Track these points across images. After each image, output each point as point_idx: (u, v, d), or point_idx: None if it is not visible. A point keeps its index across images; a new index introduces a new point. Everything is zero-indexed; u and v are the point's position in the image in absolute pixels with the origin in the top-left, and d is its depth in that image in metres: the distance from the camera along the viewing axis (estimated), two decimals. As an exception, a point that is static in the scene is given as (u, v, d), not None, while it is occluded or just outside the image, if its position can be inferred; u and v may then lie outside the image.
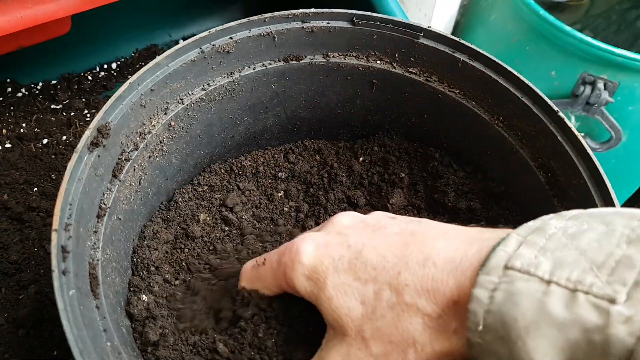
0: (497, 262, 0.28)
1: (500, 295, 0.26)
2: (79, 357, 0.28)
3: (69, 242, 0.33)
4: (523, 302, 0.26)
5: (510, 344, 0.26)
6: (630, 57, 0.97)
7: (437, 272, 0.30)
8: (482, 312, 0.27)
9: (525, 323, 0.25)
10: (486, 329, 0.27)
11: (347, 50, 0.48)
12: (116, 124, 0.38)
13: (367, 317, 0.31)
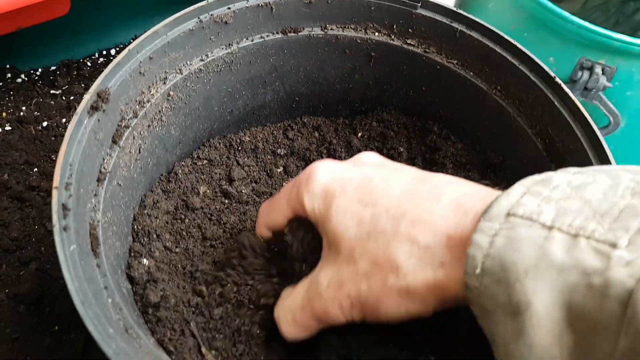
0: (499, 209, 0.28)
1: (501, 240, 0.27)
2: (81, 308, 0.28)
3: (70, 201, 0.33)
4: (523, 246, 0.26)
5: (508, 287, 0.26)
6: (628, 41, 0.97)
7: (439, 207, 0.30)
8: (481, 257, 0.27)
9: (524, 266, 0.25)
10: (484, 272, 0.27)
11: (345, 22, 0.48)
12: (115, 90, 0.39)
13: (360, 237, 0.32)
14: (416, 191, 0.32)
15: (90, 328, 0.28)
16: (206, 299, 0.39)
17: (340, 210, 0.33)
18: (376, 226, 0.32)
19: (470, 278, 0.28)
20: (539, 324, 0.25)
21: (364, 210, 0.33)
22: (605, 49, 1.00)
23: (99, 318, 0.30)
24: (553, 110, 0.42)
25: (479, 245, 0.27)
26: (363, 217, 0.32)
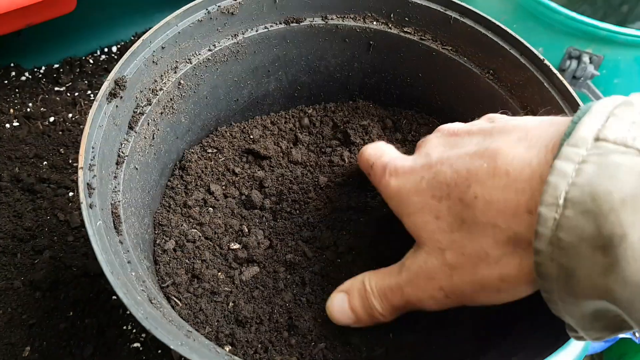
0: (584, 133, 0.26)
1: (591, 168, 0.25)
2: (111, 277, 0.31)
3: (94, 181, 0.35)
4: (621, 174, 0.24)
5: (599, 218, 0.24)
6: (613, 30, 1.01)
7: (510, 181, 0.28)
8: (564, 185, 0.25)
9: (622, 196, 0.24)
10: (568, 202, 0.25)
11: (345, 11, 0.51)
12: (131, 78, 0.41)
13: (442, 230, 0.32)
14: (481, 166, 0.30)
15: (120, 294, 0.30)
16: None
17: (417, 207, 0.34)
18: (455, 217, 0.31)
19: (548, 208, 0.26)
20: (634, 258, 0.23)
21: (439, 204, 0.33)
22: (592, 39, 1.04)
23: (126, 287, 0.32)
24: (542, 91, 0.44)
25: (563, 173, 0.25)
26: (440, 211, 0.32)
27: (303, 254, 0.44)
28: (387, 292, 0.36)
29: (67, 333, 0.56)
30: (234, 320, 0.40)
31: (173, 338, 0.30)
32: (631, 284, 0.24)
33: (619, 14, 1.24)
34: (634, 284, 0.24)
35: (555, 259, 0.26)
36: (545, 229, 0.26)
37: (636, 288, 0.24)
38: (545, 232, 0.26)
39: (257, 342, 0.39)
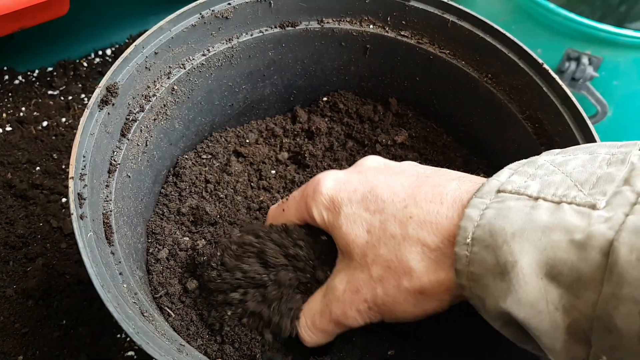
0: (490, 188, 0.31)
1: (491, 212, 0.29)
2: (101, 291, 0.30)
3: (85, 190, 0.34)
4: (511, 214, 0.28)
5: (496, 250, 0.28)
6: (612, 32, 1.00)
7: (443, 208, 0.32)
8: (472, 227, 0.29)
9: (512, 230, 0.28)
10: (474, 240, 0.29)
11: (341, 15, 0.50)
12: (124, 84, 0.40)
13: (371, 244, 0.34)
14: (419, 193, 0.33)
15: (110, 309, 0.30)
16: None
17: (349, 220, 0.35)
18: (385, 232, 0.34)
19: (460, 248, 0.30)
20: (525, 280, 0.27)
21: (372, 217, 0.34)
22: (591, 40, 1.03)
23: (117, 300, 0.31)
24: (542, 95, 0.44)
25: (470, 218, 0.29)
26: (372, 224, 0.34)
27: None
28: (315, 319, 0.38)
29: (61, 342, 0.55)
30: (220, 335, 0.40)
31: (164, 353, 0.29)
32: (525, 304, 0.27)
33: (618, 14, 1.24)
34: (527, 304, 0.27)
35: (474, 292, 0.30)
36: (461, 266, 0.30)
37: (528, 307, 0.27)
38: (461, 269, 0.30)
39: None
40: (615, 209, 0.26)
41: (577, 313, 0.26)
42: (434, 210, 0.32)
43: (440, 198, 0.33)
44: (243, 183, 0.52)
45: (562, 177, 0.29)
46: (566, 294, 0.26)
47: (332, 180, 0.37)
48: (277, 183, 0.53)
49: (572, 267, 0.26)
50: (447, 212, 0.32)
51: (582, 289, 0.26)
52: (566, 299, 0.26)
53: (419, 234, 0.32)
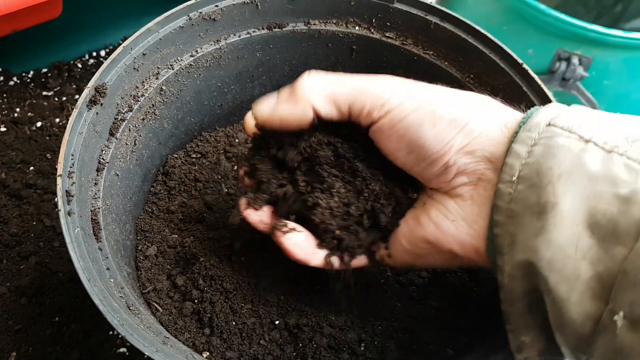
0: (539, 119, 0.30)
1: (539, 149, 0.29)
2: (87, 284, 0.31)
3: (73, 188, 0.35)
4: (561, 153, 0.28)
5: (540, 189, 0.28)
6: (602, 32, 1.01)
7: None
8: (518, 165, 0.29)
9: (559, 171, 0.28)
10: (520, 179, 0.29)
11: (327, 17, 0.51)
12: (112, 85, 0.41)
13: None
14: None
15: (96, 302, 0.30)
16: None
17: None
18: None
19: (504, 185, 0.30)
20: (561, 223, 0.27)
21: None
22: (581, 40, 1.04)
23: (103, 293, 0.32)
24: (521, 94, 0.45)
25: (518, 155, 0.29)
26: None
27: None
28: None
29: (53, 338, 0.56)
30: (209, 327, 0.41)
31: (148, 345, 0.30)
32: (554, 245, 0.27)
33: (613, 14, 1.25)
34: (556, 245, 0.27)
35: (508, 229, 0.30)
36: (502, 202, 0.30)
37: (557, 249, 0.27)
38: (502, 205, 0.30)
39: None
40: None
41: (602, 267, 0.26)
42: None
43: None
44: (232, 181, 0.53)
45: (613, 129, 0.29)
46: (597, 245, 0.27)
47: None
48: (265, 182, 0.54)
49: (611, 219, 0.26)
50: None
51: (614, 243, 0.26)
52: (595, 250, 0.27)
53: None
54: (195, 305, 0.42)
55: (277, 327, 0.41)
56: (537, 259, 0.28)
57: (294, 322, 0.42)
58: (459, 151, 0.32)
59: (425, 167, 0.34)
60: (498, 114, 0.33)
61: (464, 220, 0.33)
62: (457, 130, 0.32)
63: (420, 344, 0.41)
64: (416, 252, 0.36)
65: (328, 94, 0.34)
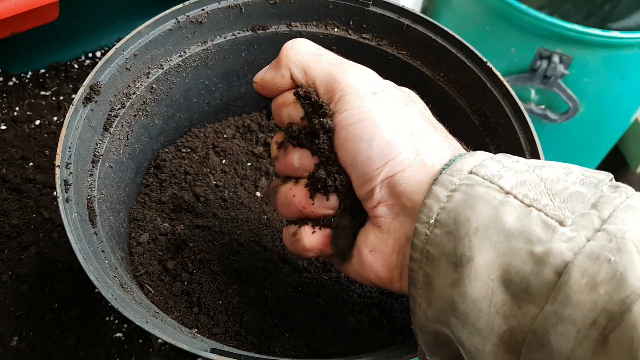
0: (461, 166, 0.30)
1: (459, 196, 0.29)
2: (84, 263, 0.34)
3: (70, 177, 0.39)
4: (479, 205, 0.28)
5: (456, 240, 0.28)
6: (581, 31, 1.05)
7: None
8: (437, 208, 0.29)
9: (476, 225, 0.28)
10: (437, 223, 0.29)
11: (307, 19, 0.55)
12: (106, 84, 0.44)
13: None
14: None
15: (91, 278, 0.34)
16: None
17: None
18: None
19: (421, 225, 0.30)
20: (475, 278, 0.27)
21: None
22: (561, 39, 1.08)
23: (98, 272, 0.36)
24: (486, 91, 0.48)
25: (437, 197, 0.30)
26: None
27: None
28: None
29: (52, 324, 0.59)
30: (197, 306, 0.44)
31: (139, 316, 0.33)
32: (468, 299, 0.28)
33: (602, 13, 1.27)
34: (470, 300, 0.28)
35: (423, 267, 0.30)
36: (419, 242, 0.30)
37: (471, 304, 0.28)
38: (418, 244, 0.30)
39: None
40: (579, 230, 0.26)
41: (515, 322, 0.26)
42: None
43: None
44: (220, 174, 0.56)
45: (536, 180, 0.29)
46: (510, 301, 0.27)
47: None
48: (252, 174, 0.57)
49: (524, 277, 0.26)
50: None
51: (527, 301, 0.26)
52: (509, 306, 0.27)
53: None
54: (185, 286, 0.45)
55: (259, 304, 0.45)
56: (453, 310, 0.28)
57: (275, 301, 0.45)
58: (384, 181, 0.32)
59: (358, 185, 0.34)
60: (435, 148, 0.33)
61: (380, 252, 0.34)
62: (388, 158, 0.32)
63: (390, 319, 0.45)
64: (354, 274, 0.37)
65: (302, 66, 0.36)
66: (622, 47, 1.07)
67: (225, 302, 0.44)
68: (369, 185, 0.33)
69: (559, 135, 1.21)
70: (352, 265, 0.37)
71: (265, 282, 0.46)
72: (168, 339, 0.32)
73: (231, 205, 0.53)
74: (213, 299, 0.44)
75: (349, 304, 0.45)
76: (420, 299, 0.31)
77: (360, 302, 0.46)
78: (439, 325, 0.30)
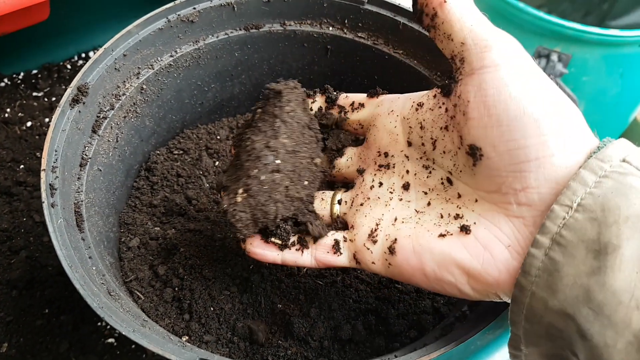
0: (613, 152, 0.29)
1: (609, 183, 0.28)
2: (69, 270, 0.33)
3: (56, 181, 0.38)
4: (632, 195, 0.27)
5: (603, 226, 0.27)
6: (580, 29, 1.04)
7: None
8: (582, 192, 0.28)
9: (627, 213, 0.27)
10: (581, 207, 0.28)
11: (302, 18, 0.53)
12: (94, 85, 0.43)
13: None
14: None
15: (77, 286, 0.33)
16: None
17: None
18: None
19: (560, 208, 0.28)
20: (620, 268, 0.26)
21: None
22: (560, 37, 1.07)
23: (84, 279, 0.35)
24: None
25: (584, 181, 0.28)
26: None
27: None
28: None
29: (43, 329, 0.58)
30: (188, 313, 0.43)
31: (126, 325, 0.32)
32: (608, 289, 0.26)
33: (600, 11, 1.27)
34: (610, 290, 0.26)
35: (549, 253, 0.28)
36: (552, 225, 0.29)
37: (610, 294, 0.26)
38: (551, 227, 0.29)
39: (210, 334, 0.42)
40: None
41: None
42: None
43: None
44: (213, 177, 0.55)
45: None
46: None
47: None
48: (246, 176, 0.56)
49: None
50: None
51: None
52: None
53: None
54: (176, 292, 0.44)
55: (251, 312, 0.44)
56: (586, 299, 0.27)
57: (269, 307, 0.44)
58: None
59: (508, 164, 0.31)
60: (580, 135, 0.31)
61: (521, 247, 0.30)
62: (559, 142, 0.29)
63: (386, 325, 0.43)
64: (439, 277, 0.33)
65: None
66: (622, 45, 1.06)
67: (217, 308, 0.43)
68: (528, 166, 0.30)
69: (558, 134, 1.20)
70: (450, 267, 0.32)
71: (258, 288, 0.45)
72: (155, 349, 0.31)
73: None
74: (205, 305, 0.43)
75: (345, 310, 0.44)
76: (534, 288, 0.29)
77: (356, 307, 0.44)
78: (559, 317, 0.28)
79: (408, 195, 0.37)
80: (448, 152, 0.35)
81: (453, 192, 0.35)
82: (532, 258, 0.29)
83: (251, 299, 0.44)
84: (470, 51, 0.32)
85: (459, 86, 0.33)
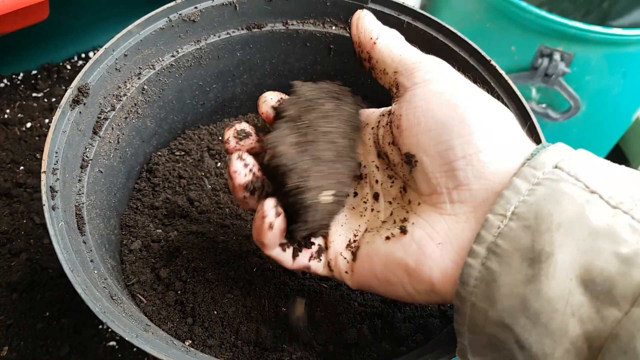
0: (546, 158, 0.29)
1: (542, 190, 0.28)
2: (70, 274, 0.33)
3: (57, 184, 0.37)
4: (564, 201, 0.27)
5: (536, 234, 0.27)
6: (582, 28, 1.03)
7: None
8: (516, 200, 0.28)
9: (560, 220, 0.27)
10: (515, 216, 0.28)
11: (304, 17, 0.53)
12: (94, 85, 0.43)
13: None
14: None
15: (79, 290, 0.32)
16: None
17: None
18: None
19: (495, 217, 0.28)
20: (554, 275, 0.26)
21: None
22: (562, 37, 1.06)
23: (86, 284, 0.34)
24: (491, 91, 0.46)
25: (518, 190, 0.28)
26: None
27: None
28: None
29: (44, 333, 0.58)
30: (191, 317, 0.42)
31: (129, 330, 0.32)
32: (543, 297, 0.26)
33: (601, 10, 1.27)
34: (545, 298, 0.26)
35: (485, 263, 0.29)
36: (487, 234, 0.29)
37: (546, 302, 0.26)
38: (486, 237, 0.29)
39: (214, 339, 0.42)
40: None
41: (592, 327, 0.25)
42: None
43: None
44: (216, 178, 0.54)
45: (619, 183, 0.28)
46: (588, 303, 0.26)
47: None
48: (248, 177, 0.55)
49: (608, 278, 0.25)
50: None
51: (608, 304, 0.25)
52: (586, 308, 0.26)
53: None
54: (179, 296, 0.44)
55: (255, 315, 0.43)
56: (522, 308, 0.27)
57: (273, 310, 0.43)
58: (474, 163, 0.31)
59: (439, 165, 0.32)
60: (513, 140, 0.32)
61: (452, 244, 0.31)
62: (486, 140, 0.31)
63: (393, 329, 0.43)
64: (387, 279, 0.34)
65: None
66: (624, 44, 1.05)
67: (221, 312, 0.43)
68: (455, 165, 0.32)
69: (560, 134, 1.19)
70: (395, 269, 0.33)
71: (262, 291, 0.44)
72: (159, 355, 0.31)
73: (227, 210, 0.52)
74: (208, 309, 0.43)
75: (350, 314, 0.44)
76: (474, 299, 0.29)
77: (362, 311, 0.44)
78: (499, 329, 0.28)
79: (378, 206, 0.38)
80: (397, 163, 0.37)
81: (406, 199, 0.37)
82: (469, 268, 0.29)
83: (255, 302, 0.43)
84: (403, 75, 0.36)
85: (394, 106, 0.36)
